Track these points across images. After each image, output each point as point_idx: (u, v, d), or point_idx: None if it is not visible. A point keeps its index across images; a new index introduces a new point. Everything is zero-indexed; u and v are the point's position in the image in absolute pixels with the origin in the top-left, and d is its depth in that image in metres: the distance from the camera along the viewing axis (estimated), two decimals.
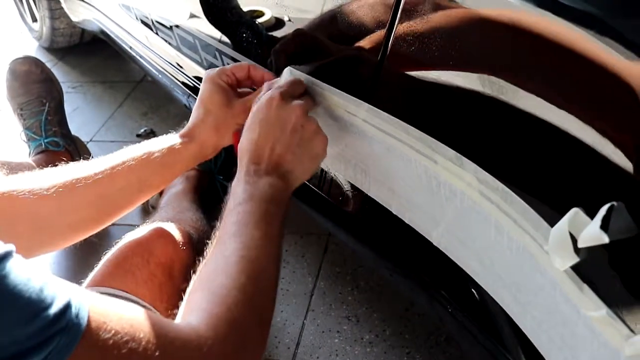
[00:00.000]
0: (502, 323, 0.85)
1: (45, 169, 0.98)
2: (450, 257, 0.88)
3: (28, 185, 0.91)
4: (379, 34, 0.87)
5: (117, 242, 1.08)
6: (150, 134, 2.06)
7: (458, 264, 0.87)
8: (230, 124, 1.05)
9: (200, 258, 0.89)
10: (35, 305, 0.59)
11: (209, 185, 1.63)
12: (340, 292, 1.38)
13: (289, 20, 1.08)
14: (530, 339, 0.77)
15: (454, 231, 0.86)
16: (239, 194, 0.86)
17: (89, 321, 0.63)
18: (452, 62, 0.77)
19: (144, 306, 1.00)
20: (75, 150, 1.75)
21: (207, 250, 0.85)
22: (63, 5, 2.33)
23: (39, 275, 0.62)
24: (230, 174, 1.68)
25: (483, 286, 0.84)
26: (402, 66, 0.87)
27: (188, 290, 0.81)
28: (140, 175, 1.00)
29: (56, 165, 1.57)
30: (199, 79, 1.46)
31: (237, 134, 0.99)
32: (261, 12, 1.14)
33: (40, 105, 1.72)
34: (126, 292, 1.00)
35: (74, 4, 2.22)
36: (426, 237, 0.92)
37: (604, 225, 0.58)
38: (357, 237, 1.14)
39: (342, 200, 1.09)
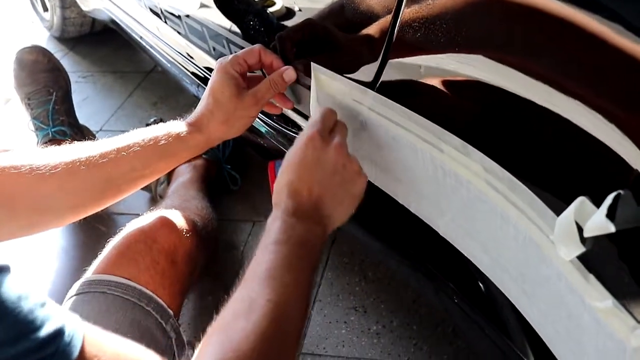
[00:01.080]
0: (508, 314, 0.84)
1: (49, 147, 0.96)
2: (457, 247, 0.88)
3: (30, 162, 0.90)
4: (385, 20, 0.86)
5: (121, 229, 1.08)
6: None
7: (464, 254, 0.87)
8: (239, 116, 1.03)
9: (202, 245, 0.88)
10: (23, 325, 0.58)
11: (217, 174, 1.63)
12: (347, 283, 1.37)
13: (299, 10, 1.07)
14: (537, 331, 0.77)
15: (460, 221, 0.85)
16: (274, 233, 0.81)
17: (81, 351, 0.62)
18: (457, 47, 0.76)
19: (146, 293, 1.00)
20: (83, 139, 1.73)
21: (234, 288, 0.79)
22: None
23: (34, 296, 0.61)
24: (237, 163, 1.70)
25: (489, 277, 0.83)
26: (408, 53, 0.86)
27: (207, 330, 0.75)
28: (145, 162, 0.99)
29: None
30: (209, 69, 1.45)
31: (273, 165, 0.97)
32: (272, 1, 1.13)
33: (48, 94, 1.72)
34: (129, 279, 1.00)
35: None
36: (432, 227, 0.91)
37: (611, 214, 0.57)
38: (364, 228, 1.13)
39: None
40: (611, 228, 0.57)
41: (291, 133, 1.19)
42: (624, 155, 0.60)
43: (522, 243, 0.72)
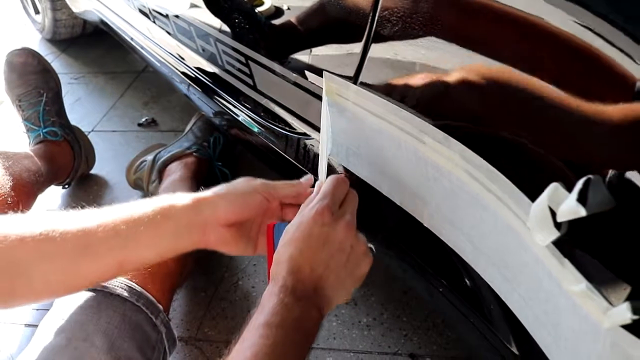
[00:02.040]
0: (492, 304, 0.85)
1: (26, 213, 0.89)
2: (441, 237, 0.89)
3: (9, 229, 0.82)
4: (365, 14, 0.88)
5: None
6: (152, 123, 2.07)
7: (448, 244, 0.88)
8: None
9: None
10: None
11: (209, 171, 1.65)
12: None
13: (288, 8, 1.08)
14: (518, 317, 0.78)
15: (444, 212, 0.86)
16: (268, 312, 0.75)
17: None
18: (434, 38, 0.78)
19: (135, 289, 1.01)
20: (75, 139, 1.76)
21: None
22: None
23: None
24: (229, 160, 1.71)
25: (473, 266, 0.85)
26: (387, 46, 0.88)
27: None
28: (126, 258, 0.86)
29: (55, 154, 1.59)
30: (200, 69, 1.46)
31: (272, 228, 0.91)
32: (261, 0, 1.14)
33: (38, 96, 1.73)
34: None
35: None
36: (417, 218, 0.92)
37: (582, 199, 0.58)
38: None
39: None
40: (582, 212, 0.58)
41: (281, 130, 1.20)
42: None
43: (502, 230, 0.74)
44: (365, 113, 0.90)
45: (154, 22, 1.58)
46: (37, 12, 2.71)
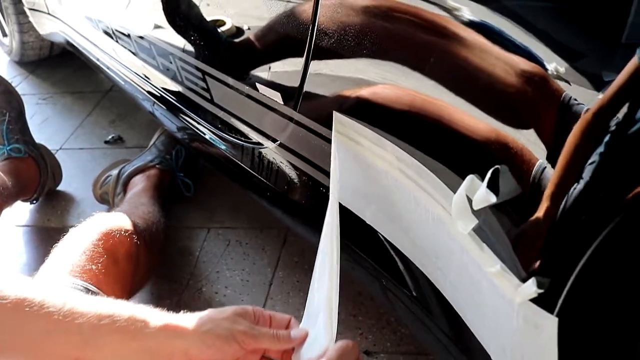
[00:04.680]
0: (433, 298, 0.91)
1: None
2: (383, 234, 0.95)
3: None
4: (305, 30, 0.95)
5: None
6: (118, 140, 2.12)
7: (390, 240, 0.94)
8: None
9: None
10: None
11: (171, 182, 1.70)
12: (297, 281, 1.44)
13: (249, 28, 1.15)
14: (451, 304, 0.84)
15: (384, 209, 0.93)
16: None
17: None
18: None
19: (90, 289, 1.06)
20: (40, 156, 1.81)
21: None
22: (30, 18, 2.38)
23: None
24: (191, 172, 1.77)
25: (411, 259, 0.91)
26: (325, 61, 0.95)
27: None
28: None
29: (20, 170, 1.64)
30: (165, 89, 1.51)
31: None
32: (223, 21, 1.21)
33: (1, 115, 1.78)
34: (74, 276, 1.06)
35: (40, 17, 2.27)
36: (361, 217, 0.98)
37: (493, 188, 0.65)
38: (309, 226, 1.21)
39: (290, 190, 1.16)
40: (492, 199, 0.65)
41: (237, 141, 1.25)
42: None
43: (432, 223, 0.80)
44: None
45: (117, 42, 1.64)
46: (4, 34, 2.74)
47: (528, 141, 0.66)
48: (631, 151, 0.56)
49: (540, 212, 0.63)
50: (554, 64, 0.63)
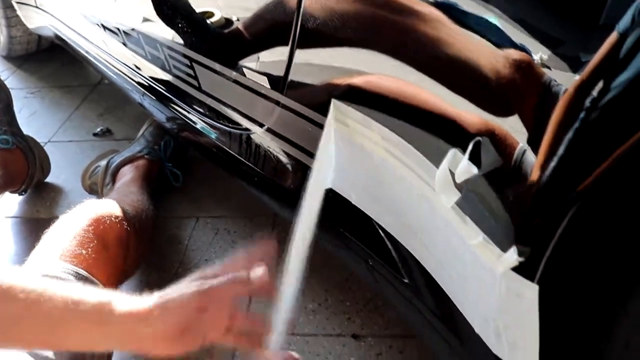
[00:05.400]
0: (415, 271, 0.93)
1: None
2: (369, 214, 0.96)
3: None
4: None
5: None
6: (107, 133, 2.12)
7: (376, 220, 0.96)
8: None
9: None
10: None
11: (159, 172, 1.71)
12: None
13: (237, 19, 1.16)
14: (437, 280, 0.86)
15: (369, 189, 0.94)
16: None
17: None
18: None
19: (81, 274, 1.07)
20: (28, 147, 1.81)
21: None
22: (18, 12, 2.38)
23: None
24: (180, 162, 1.78)
25: (397, 238, 0.92)
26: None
27: None
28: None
29: (8, 161, 1.65)
30: (154, 78, 1.52)
31: None
32: (211, 13, 1.22)
33: None
34: (64, 261, 1.07)
35: (28, 11, 2.28)
36: (347, 198, 0.99)
37: (474, 160, 0.67)
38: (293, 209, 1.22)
39: (279, 176, 1.17)
40: (474, 170, 0.66)
41: (225, 127, 1.26)
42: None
43: (417, 200, 0.82)
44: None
45: (105, 31, 1.64)
46: None
47: (511, 125, 0.67)
48: (607, 121, 0.57)
49: (522, 184, 0.65)
50: (535, 50, 0.65)
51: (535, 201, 0.64)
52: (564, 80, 0.62)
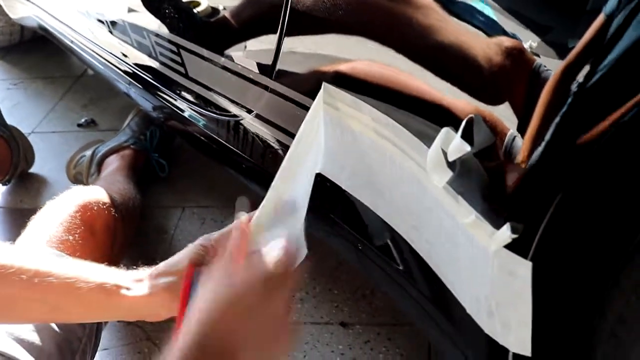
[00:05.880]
0: (406, 254, 0.92)
1: None
2: (358, 198, 0.96)
3: None
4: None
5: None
6: (91, 123, 2.11)
7: (365, 203, 0.95)
8: None
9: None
10: None
11: (145, 162, 1.70)
12: None
13: (224, 8, 1.16)
14: (428, 262, 0.85)
15: (359, 173, 0.93)
16: None
17: None
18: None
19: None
20: (12, 137, 1.80)
21: None
22: (1, 2, 2.36)
23: None
24: (166, 152, 1.77)
25: (387, 220, 0.92)
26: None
27: None
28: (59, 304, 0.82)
29: None
30: (141, 65, 1.50)
31: (191, 273, 0.86)
32: (198, 2, 1.21)
33: None
34: (51, 247, 1.06)
35: (11, 1, 2.25)
36: (337, 183, 0.99)
37: (467, 137, 0.66)
38: None
39: (267, 163, 1.17)
40: (467, 148, 0.66)
41: (212, 114, 1.26)
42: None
43: (408, 181, 0.81)
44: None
45: (90, 20, 1.63)
46: None
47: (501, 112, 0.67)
48: (595, 99, 0.58)
49: (513, 161, 0.65)
50: (524, 37, 0.65)
51: (526, 180, 0.64)
52: (553, 66, 0.62)
